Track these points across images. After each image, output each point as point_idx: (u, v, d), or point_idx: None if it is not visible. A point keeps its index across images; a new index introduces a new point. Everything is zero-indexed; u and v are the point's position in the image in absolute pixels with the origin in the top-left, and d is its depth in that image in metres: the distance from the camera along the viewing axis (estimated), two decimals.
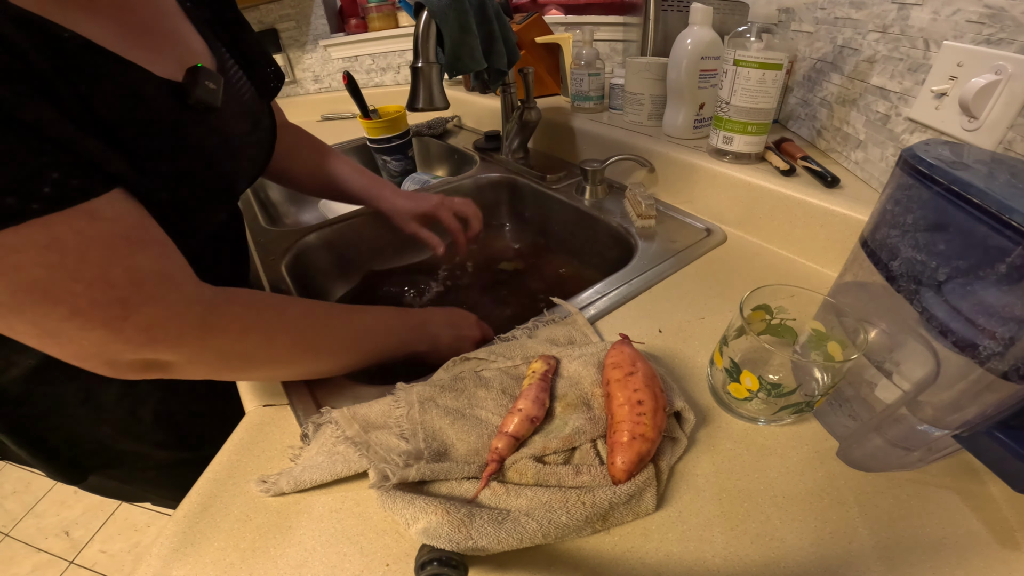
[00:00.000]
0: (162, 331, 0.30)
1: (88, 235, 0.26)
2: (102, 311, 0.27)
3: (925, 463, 0.33)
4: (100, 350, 0.29)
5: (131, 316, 0.29)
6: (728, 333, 0.37)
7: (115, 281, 0.28)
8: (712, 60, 0.66)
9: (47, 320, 0.27)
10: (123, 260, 0.28)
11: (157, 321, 0.30)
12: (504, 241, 0.91)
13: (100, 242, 0.27)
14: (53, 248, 0.25)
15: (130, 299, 0.28)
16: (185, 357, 0.32)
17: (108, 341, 0.29)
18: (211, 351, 0.34)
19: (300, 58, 1.43)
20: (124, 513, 1.34)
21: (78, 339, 0.28)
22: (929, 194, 0.28)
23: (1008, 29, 0.39)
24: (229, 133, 0.41)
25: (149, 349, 0.30)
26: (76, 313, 0.27)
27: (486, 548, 0.29)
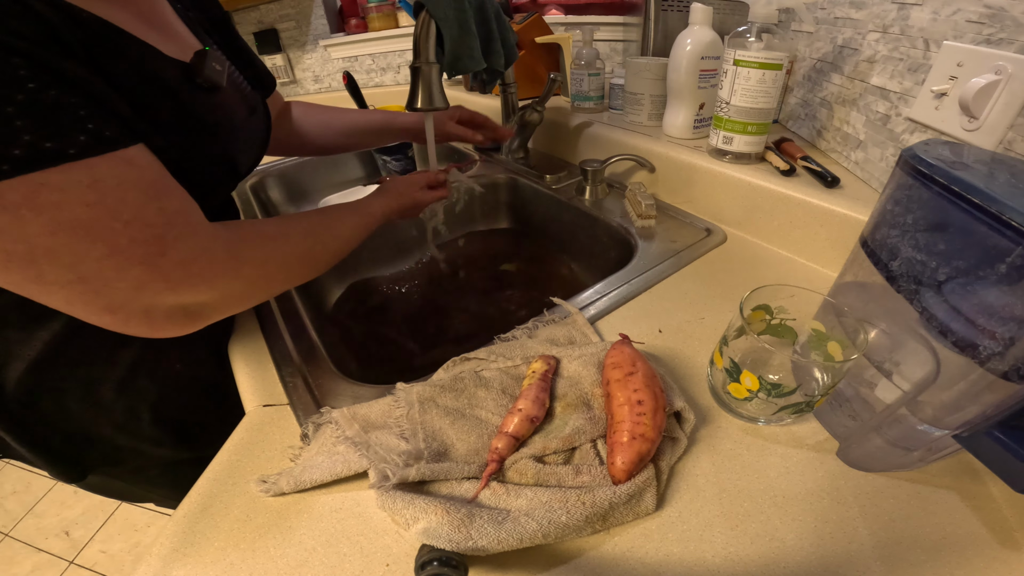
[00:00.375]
0: (196, 265, 0.32)
1: (126, 178, 0.28)
2: (141, 248, 0.29)
3: (925, 463, 0.33)
4: (136, 295, 0.30)
5: (168, 251, 0.30)
6: (728, 333, 0.37)
7: (151, 220, 0.30)
8: (712, 60, 0.66)
9: (84, 261, 0.28)
10: (156, 201, 0.30)
11: (192, 255, 0.32)
12: (504, 241, 0.91)
13: (136, 184, 0.29)
14: (95, 188, 0.27)
15: (165, 236, 0.30)
16: (219, 292, 0.34)
17: (146, 281, 0.30)
18: (241, 280, 0.36)
19: (300, 58, 1.43)
20: (124, 513, 1.34)
21: (115, 281, 0.29)
22: (929, 194, 0.28)
23: (1008, 29, 0.39)
24: (232, 112, 0.44)
25: (186, 287, 0.32)
26: (115, 251, 0.28)
27: (486, 548, 0.29)
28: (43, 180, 0.25)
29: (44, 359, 0.43)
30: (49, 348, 0.43)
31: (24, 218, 0.25)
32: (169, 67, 0.37)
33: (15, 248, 0.26)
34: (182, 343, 0.36)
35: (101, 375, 0.47)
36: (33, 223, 0.26)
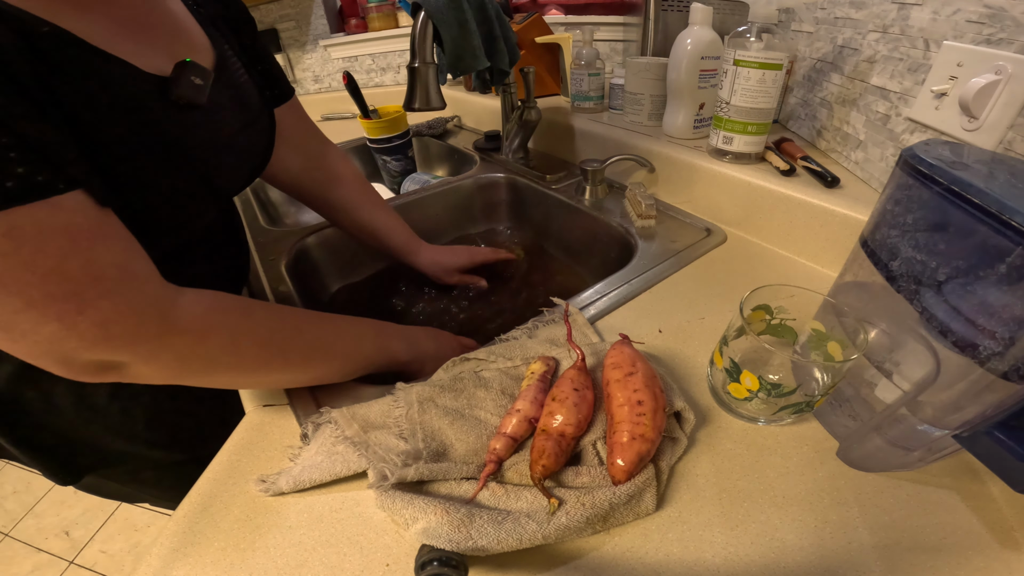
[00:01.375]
0: (118, 327, 0.29)
1: (47, 226, 0.26)
2: (56, 304, 0.27)
3: (925, 463, 0.32)
4: (53, 347, 0.28)
5: (86, 310, 0.28)
6: (728, 333, 0.37)
7: (71, 274, 0.27)
8: (712, 60, 0.66)
9: (3, 312, 0.26)
10: (82, 253, 0.27)
11: (113, 317, 0.29)
12: (504, 241, 0.91)
13: (59, 233, 0.26)
14: (10, 237, 0.25)
15: (86, 293, 0.27)
16: (141, 357, 0.31)
17: (62, 337, 0.28)
18: (170, 352, 0.32)
19: (300, 58, 1.43)
20: (124, 513, 1.34)
21: (31, 334, 0.27)
22: (929, 194, 0.28)
23: (1008, 29, 0.39)
24: (214, 131, 0.40)
25: (104, 346, 0.29)
26: (30, 305, 0.26)
27: (486, 548, 0.29)
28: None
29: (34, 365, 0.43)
30: None
31: None
32: (140, 83, 0.33)
33: None
34: None
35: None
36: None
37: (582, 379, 0.38)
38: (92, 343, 0.29)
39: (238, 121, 0.44)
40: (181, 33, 0.40)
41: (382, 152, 0.97)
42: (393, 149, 0.97)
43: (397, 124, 0.95)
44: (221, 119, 0.41)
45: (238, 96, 0.44)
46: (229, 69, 0.44)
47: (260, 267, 0.64)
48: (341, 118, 1.34)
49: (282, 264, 0.65)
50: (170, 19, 0.39)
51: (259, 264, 0.65)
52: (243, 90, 0.46)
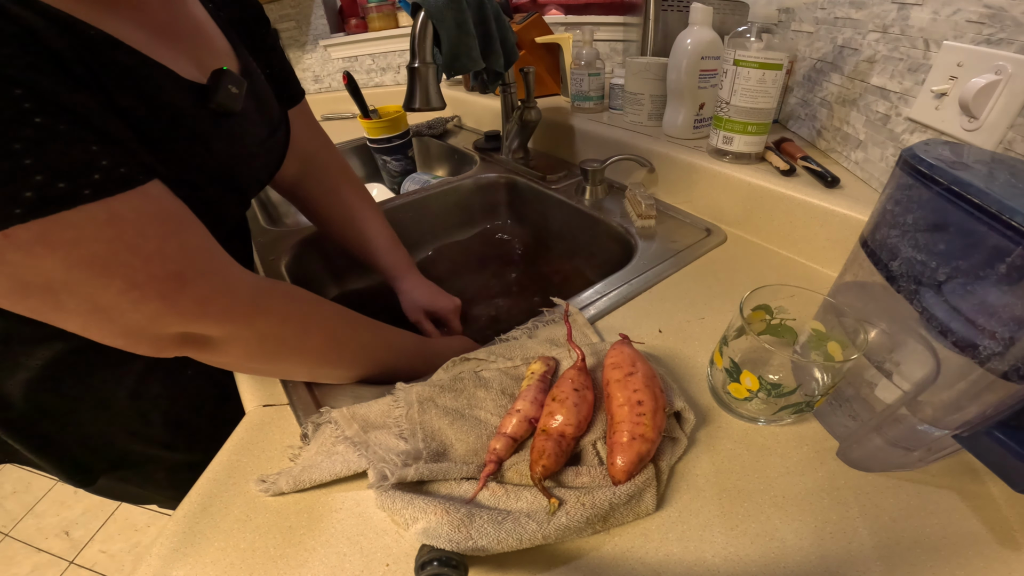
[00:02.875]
0: (215, 305, 0.31)
1: (145, 212, 0.28)
2: (159, 284, 0.28)
3: (925, 463, 0.32)
4: (150, 324, 0.29)
5: (187, 288, 0.29)
6: (728, 333, 0.37)
7: (171, 255, 0.29)
8: (712, 60, 0.66)
9: (102, 294, 0.27)
10: (177, 236, 0.29)
11: (211, 294, 0.31)
12: (504, 241, 0.91)
13: (156, 219, 0.28)
14: (112, 224, 0.26)
15: (185, 272, 0.29)
16: (228, 334, 0.33)
17: (161, 314, 0.29)
18: (253, 331, 0.34)
19: (300, 58, 1.43)
20: (124, 513, 1.34)
21: (130, 313, 0.28)
22: (929, 194, 0.28)
23: (1008, 29, 0.39)
24: (247, 138, 0.41)
25: (200, 322, 0.31)
26: (133, 286, 0.27)
27: (486, 548, 0.29)
28: (58, 219, 0.24)
29: (55, 367, 0.43)
30: (59, 357, 0.42)
31: (38, 254, 0.24)
32: (181, 90, 0.34)
33: (32, 280, 0.25)
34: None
35: (114, 383, 0.47)
36: (48, 259, 0.25)
37: (582, 379, 0.38)
38: (190, 319, 0.30)
39: (264, 128, 0.45)
40: (205, 40, 0.40)
41: (382, 152, 0.97)
42: (393, 149, 0.97)
43: (397, 124, 0.95)
44: (251, 127, 0.42)
45: (262, 104, 0.45)
46: (253, 75, 0.44)
47: (260, 267, 0.64)
48: (341, 118, 1.34)
49: (282, 264, 0.65)
50: (193, 26, 0.39)
51: (259, 264, 0.65)
52: (265, 97, 0.46)
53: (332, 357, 0.42)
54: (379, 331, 0.46)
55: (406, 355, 0.48)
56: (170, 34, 0.35)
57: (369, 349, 0.44)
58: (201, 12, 0.41)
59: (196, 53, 0.37)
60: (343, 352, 0.42)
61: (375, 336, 0.45)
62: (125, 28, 0.31)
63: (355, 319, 0.44)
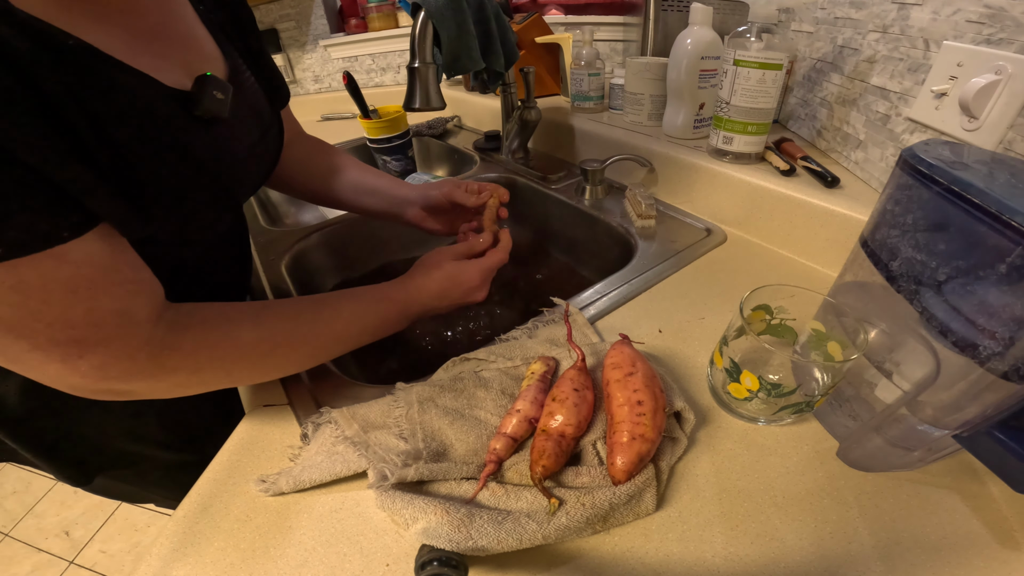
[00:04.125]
0: (115, 370, 0.31)
1: (52, 278, 0.26)
2: (60, 349, 0.28)
3: (925, 463, 0.33)
4: (61, 380, 0.30)
5: (85, 355, 0.29)
6: (728, 333, 0.37)
7: (74, 322, 0.28)
8: (712, 60, 0.66)
9: (11, 350, 0.28)
10: (84, 302, 0.28)
11: (110, 361, 0.30)
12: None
13: (64, 285, 0.27)
14: (18, 289, 0.25)
15: (87, 339, 0.29)
16: (141, 388, 0.33)
17: (66, 374, 0.30)
18: (165, 384, 0.34)
19: (300, 58, 1.43)
20: (124, 513, 1.34)
21: (39, 369, 0.29)
22: (929, 194, 0.28)
23: (1008, 29, 0.39)
24: (236, 143, 0.40)
25: (104, 385, 0.31)
26: (36, 348, 0.28)
27: (486, 548, 0.29)
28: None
29: None
30: None
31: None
32: (164, 98, 0.33)
33: None
34: None
35: None
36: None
37: (582, 379, 0.38)
38: (94, 381, 0.31)
39: (256, 131, 0.44)
40: (194, 44, 0.39)
41: (382, 152, 0.97)
42: (393, 149, 0.97)
43: (397, 124, 0.95)
44: (241, 131, 0.41)
45: (253, 106, 0.44)
46: (241, 79, 0.43)
47: (260, 267, 0.64)
48: (341, 118, 1.34)
49: (282, 264, 0.65)
50: (184, 29, 0.38)
51: (259, 264, 0.65)
52: (256, 99, 0.45)
53: (270, 372, 0.41)
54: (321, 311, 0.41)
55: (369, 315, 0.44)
56: (160, 39, 0.35)
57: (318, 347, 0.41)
58: (191, 15, 0.40)
59: (185, 57, 0.37)
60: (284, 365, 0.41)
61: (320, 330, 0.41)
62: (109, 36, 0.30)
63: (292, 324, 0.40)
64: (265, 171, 0.49)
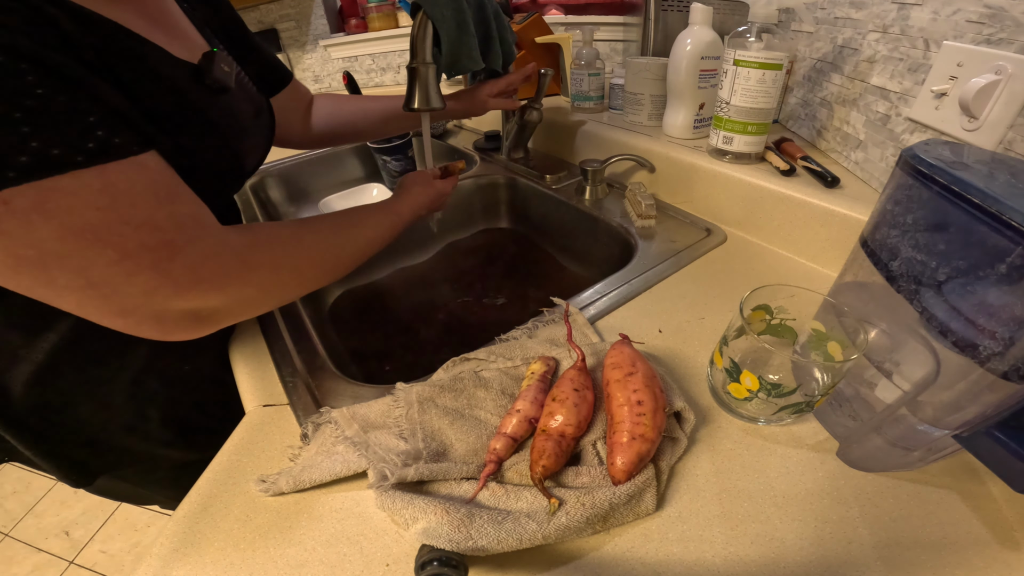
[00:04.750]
0: (206, 270, 0.32)
1: (137, 182, 0.28)
2: (150, 253, 0.29)
3: (925, 463, 0.32)
4: (146, 300, 0.30)
5: (177, 256, 0.30)
6: (728, 333, 0.37)
7: (161, 224, 0.29)
8: (712, 60, 0.66)
9: (94, 266, 0.28)
10: (166, 206, 0.30)
11: (201, 260, 0.32)
12: (504, 241, 0.91)
13: (147, 189, 0.29)
14: (106, 192, 0.27)
15: (175, 240, 0.30)
16: (229, 297, 0.34)
17: (156, 286, 0.30)
18: (252, 286, 0.36)
19: (300, 58, 1.43)
20: (124, 513, 1.34)
21: (124, 287, 0.29)
22: (929, 194, 0.28)
23: (1008, 29, 0.39)
24: (239, 114, 0.44)
25: (196, 292, 0.32)
26: (125, 256, 0.28)
27: (486, 548, 0.29)
28: (54, 185, 0.25)
29: (51, 363, 0.43)
30: (56, 352, 0.42)
31: (34, 223, 0.25)
32: (178, 68, 0.36)
33: (26, 253, 0.26)
34: (189, 343, 0.36)
35: (110, 378, 0.47)
36: (43, 228, 0.25)
37: (582, 379, 0.38)
38: (185, 288, 0.31)
39: (251, 108, 0.48)
40: (186, 31, 0.42)
41: (382, 152, 0.97)
42: (393, 149, 0.97)
43: None
44: (241, 105, 0.45)
45: (244, 88, 0.48)
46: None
47: None
48: None
49: None
50: (175, 20, 0.42)
51: None
52: (246, 84, 0.49)
53: (327, 275, 0.45)
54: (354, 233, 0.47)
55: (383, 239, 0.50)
56: (161, 23, 0.38)
57: (355, 254, 0.47)
58: (178, 10, 0.44)
59: (184, 42, 0.40)
60: (335, 268, 0.45)
61: (355, 241, 0.47)
62: (125, 16, 0.33)
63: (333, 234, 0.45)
64: (264, 146, 0.52)
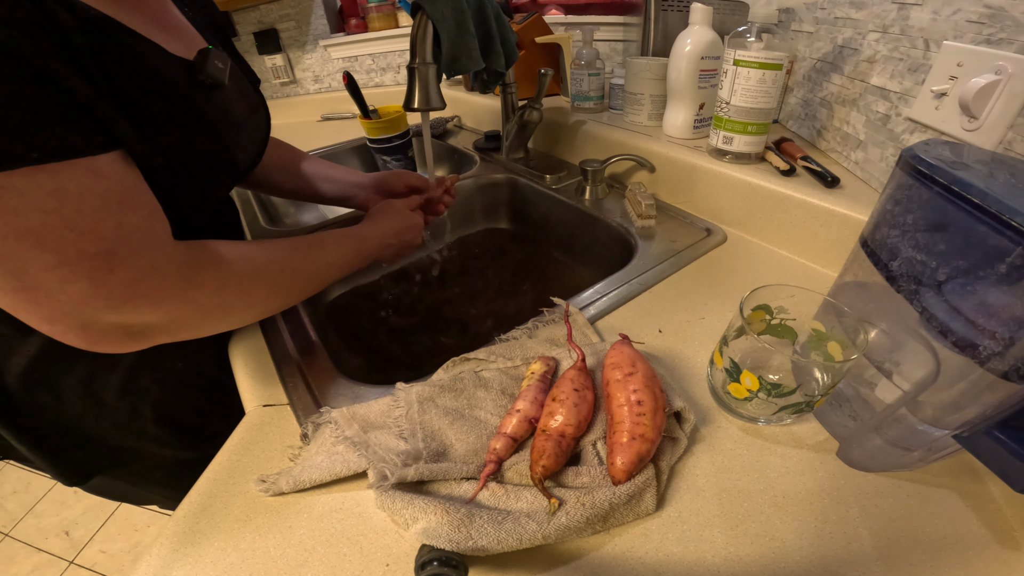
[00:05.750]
0: (144, 286, 0.31)
1: (89, 188, 0.28)
2: (89, 261, 0.28)
3: (925, 463, 0.32)
4: (78, 308, 0.29)
5: (115, 269, 0.29)
6: (728, 333, 0.37)
7: (105, 234, 0.29)
8: (712, 60, 0.66)
9: (31, 270, 0.27)
10: (116, 215, 0.29)
11: (140, 275, 0.30)
12: (504, 241, 0.91)
13: (98, 196, 0.28)
14: (55, 195, 0.26)
15: (116, 252, 0.29)
16: (168, 315, 0.33)
17: (89, 296, 0.29)
18: (191, 305, 0.34)
19: (300, 58, 1.43)
20: (124, 513, 1.34)
21: (57, 294, 0.28)
22: (929, 194, 0.28)
23: (1008, 29, 0.39)
24: (233, 111, 0.44)
25: (131, 306, 0.31)
26: (64, 262, 0.27)
27: (486, 548, 0.29)
28: (5, 183, 0.25)
29: (43, 356, 0.43)
30: (48, 345, 0.43)
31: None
32: (173, 65, 0.37)
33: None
34: (185, 342, 0.36)
35: (103, 374, 0.47)
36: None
37: (582, 379, 0.38)
38: (120, 302, 0.30)
39: (246, 105, 0.48)
40: (186, 31, 0.43)
41: (382, 152, 0.97)
42: (393, 149, 0.97)
43: (397, 124, 0.95)
44: (235, 102, 0.45)
45: (240, 86, 0.48)
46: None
47: None
48: (341, 118, 1.34)
49: None
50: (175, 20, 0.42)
51: None
52: (242, 81, 0.49)
53: (280, 299, 0.43)
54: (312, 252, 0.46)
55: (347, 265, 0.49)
56: (162, 24, 0.39)
57: (313, 277, 0.45)
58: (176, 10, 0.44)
59: (182, 41, 0.41)
60: (289, 291, 0.44)
61: (313, 263, 0.46)
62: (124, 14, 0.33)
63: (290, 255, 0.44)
64: (258, 144, 0.52)
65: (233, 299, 0.38)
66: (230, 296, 0.37)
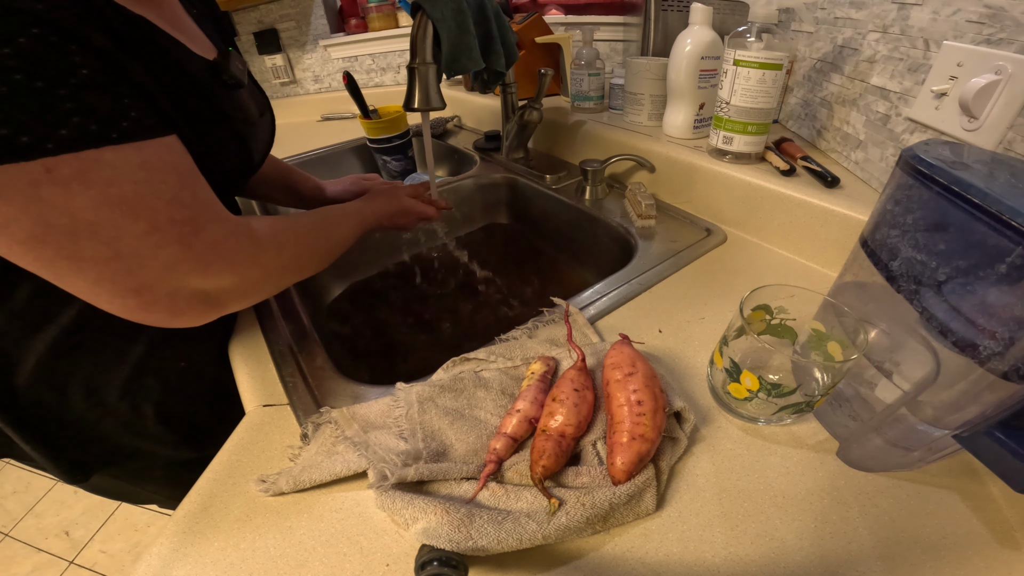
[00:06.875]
0: (225, 248, 0.34)
1: (167, 161, 0.31)
2: (177, 228, 0.31)
3: (925, 463, 0.32)
4: (167, 273, 0.32)
5: (202, 232, 0.33)
6: (728, 333, 0.37)
7: (187, 202, 0.32)
8: (712, 60, 0.66)
9: (124, 237, 0.29)
10: (191, 186, 0.33)
11: (221, 238, 0.34)
12: (504, 241, 0.91)
13: (175, 169, 0.32)
14: (143, 167, 0.29)
15: (199, 218, 0.33)
16: (241, 277, 0.37)
17: (179, 260, 0.32)
18: (258, 268, 0.38)
19: (300, 58, 1.43)
20: (124, 513, 1.34)
21: (150, 259, 0.31)
22: (929, 194, 0.28)
23: (1008, 29, 0.39)
24: (250, 110, 0.47)
25: (214, 270, 0.34)
26: (154, 229, 0.30)
27: (486, 548, 0.29)
28: (98, 157, 0.27)
29: (51, 356, 0.43)
30: (55, 345, 0.43)
31: (73, 192, 0.27)
32: (198, 64, 0.39)
33: (59, 221, 0.27)
34: (186, 340, 0.37)
35: (106, 373, 0.47)
36: (81, 197, 0.27)
37: (582, 379, 0.38)
38: (206, 265, 0.33)
39: (258, 106, 0.51)
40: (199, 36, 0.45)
41: (382, 152, 0.97)
42: (393, 149, 0.97)
43: (397, 124, 0.95)
44: (251, 102, 0.48)
45: (252, 87, 0.51)
46: None
47: None
48: (341, 118, 1.34)
49: None
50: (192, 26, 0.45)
51: None
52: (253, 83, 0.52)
53: (316, 262, 0.47)
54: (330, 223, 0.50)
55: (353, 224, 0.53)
56: (177, 25, 0.41)
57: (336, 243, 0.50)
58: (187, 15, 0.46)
59: (199, 44, 0.43)
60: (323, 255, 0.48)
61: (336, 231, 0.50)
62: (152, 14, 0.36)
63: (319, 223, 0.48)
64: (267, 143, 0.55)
65: (289, 262, 0.42)
66: (287, 259, 0.42)
